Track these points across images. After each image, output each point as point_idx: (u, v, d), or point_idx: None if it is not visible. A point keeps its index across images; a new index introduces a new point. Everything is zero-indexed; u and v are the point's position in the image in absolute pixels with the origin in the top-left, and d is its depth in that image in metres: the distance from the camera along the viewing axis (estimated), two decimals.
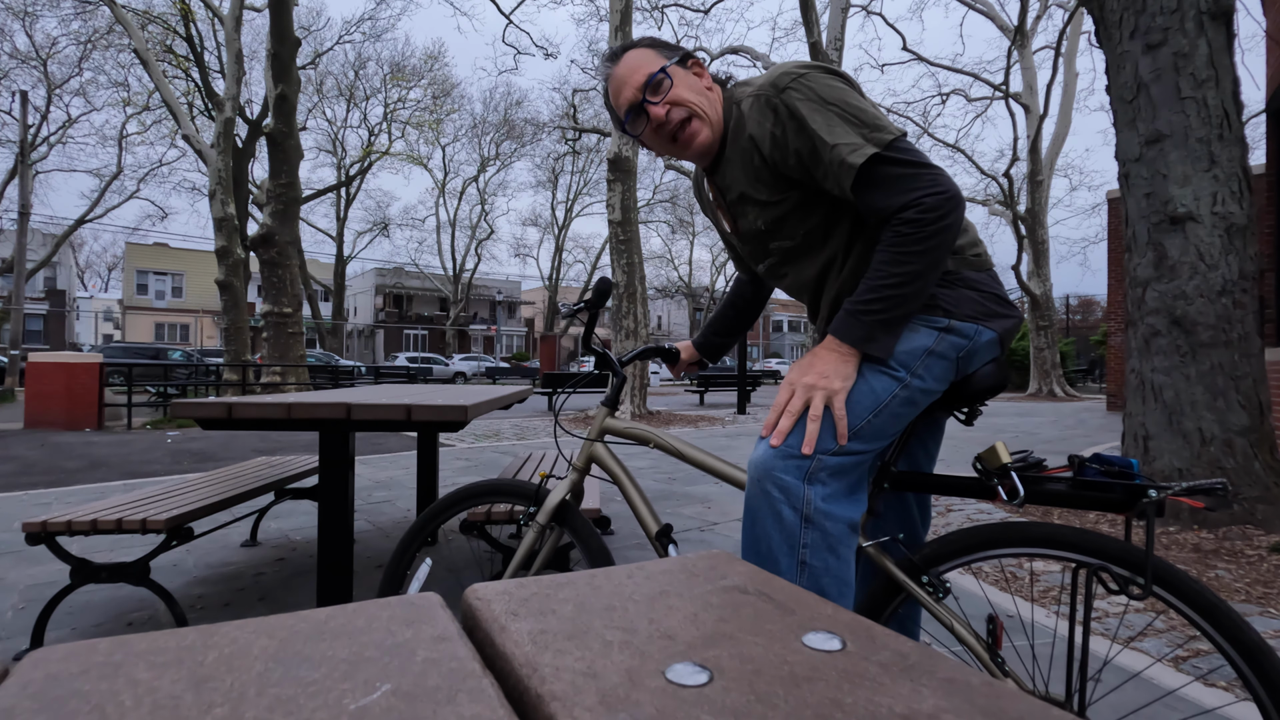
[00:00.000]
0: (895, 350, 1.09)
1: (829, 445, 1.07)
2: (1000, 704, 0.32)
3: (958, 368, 1.12)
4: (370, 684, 0.35)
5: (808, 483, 1.05)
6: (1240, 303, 3.27)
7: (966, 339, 1.11)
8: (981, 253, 1.18)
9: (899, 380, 1.09)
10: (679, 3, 17.22)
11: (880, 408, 1.08)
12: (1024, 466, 1.07)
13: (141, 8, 18.71)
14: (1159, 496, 0.96)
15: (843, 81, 1.15)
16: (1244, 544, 2.85)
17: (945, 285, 1.13)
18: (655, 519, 1.39)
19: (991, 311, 1.13)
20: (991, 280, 1.17)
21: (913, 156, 1.06)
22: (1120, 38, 3.60)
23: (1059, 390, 18.04)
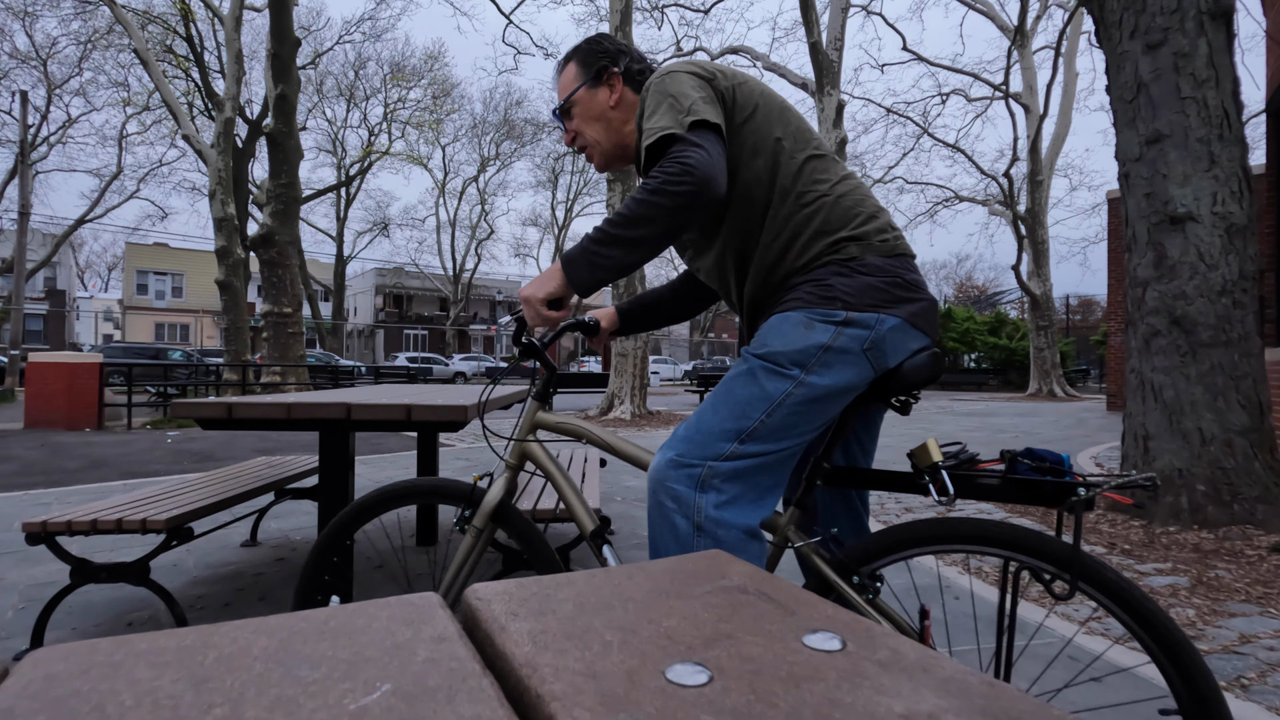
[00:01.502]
0: (786, 349, 1.09)
1: (720, 450, 1.07)
2: (1000, 704, 0.32)
3: (871, 360, 1.10)
4: (370, 684, 0.35)
5: (700, 491, 1.05)
6: (1240, 303, 3.27)
7: (868, 329, 1.09)
8: (890, 238, 1.16)
9: (791, 378, 1.08)
10: (679, 3, 17.22)
11: (772, 408, 1.08)
12: (956, 464, 1.08)
13: (141, 8, 18.71)
14: (1087, 494, 0.97)
15: (697, 80, 1.17)
16: (1244, 544, 2.85)
17: (845, 274, 1.11)
18: (591, 517, 1.35)
19: (895, 298, 1.11)
20: (899, 266, 1.15)
21: (697, 138, 1.07)
22: (1120, 38, 3.60)
23: (1059, 390, 18.04)
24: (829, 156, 1.21)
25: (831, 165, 1.20)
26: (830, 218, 1.15)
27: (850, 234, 1.14)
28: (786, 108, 1.23)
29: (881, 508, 3.84)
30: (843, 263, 1.12)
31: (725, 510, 1.06)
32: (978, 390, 25.00)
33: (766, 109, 1.20)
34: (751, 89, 1.22)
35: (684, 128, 1.08)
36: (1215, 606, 2.21)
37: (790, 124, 1.21)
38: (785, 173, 1.17)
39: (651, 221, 1.05)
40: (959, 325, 27.83)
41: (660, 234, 1.07)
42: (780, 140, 1.18)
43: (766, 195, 1.18)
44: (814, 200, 1.16)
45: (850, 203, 1.16)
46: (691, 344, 49.64)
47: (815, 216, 1.15)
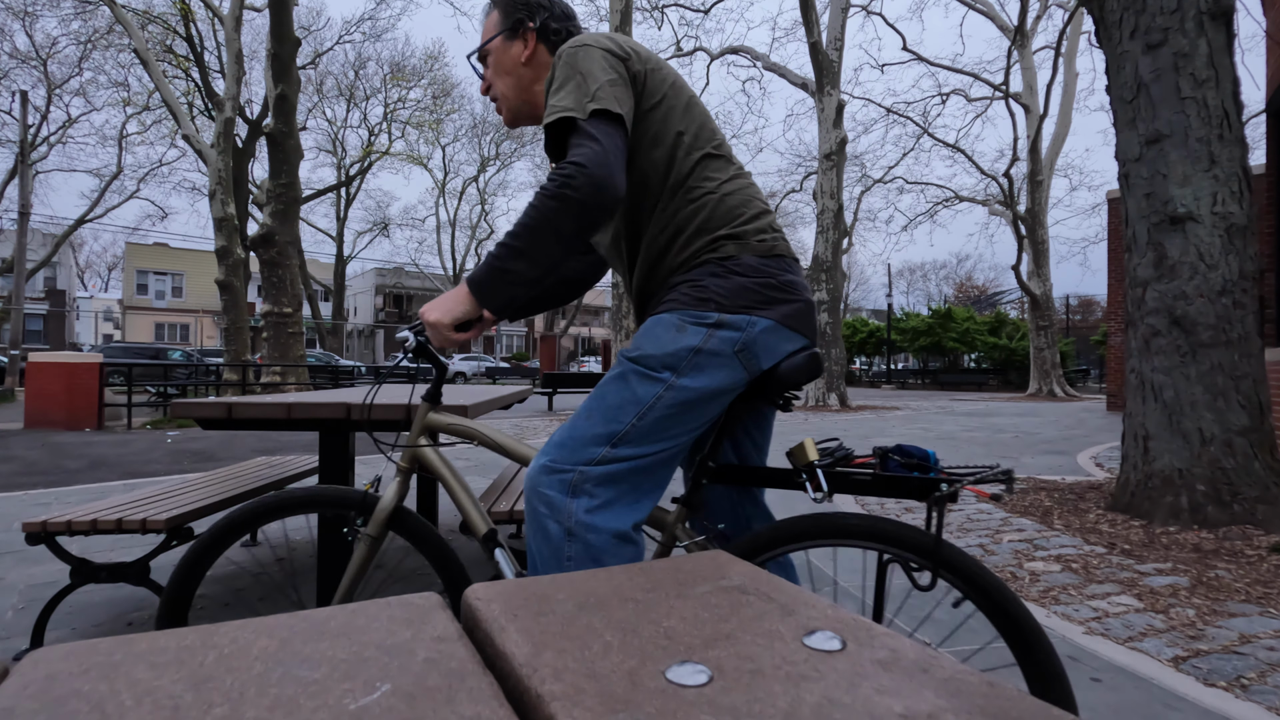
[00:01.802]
0: (657, 352, 1.09)
1: (592, 454, 1.07)
2: (1000, 704, 0.32)
3: (743, 362, 1.10)
4: (370, 684, 0.35)
5: (572, 496, 1.06)
6: (1240, 303, 3.27)
7: (739, 331, 1.09)
8: (768, 239, 1.16)
9: (662, 382, 1.08)
10: (679, 3, 17.23)
11: (643, 411, 1.08)
12: (831, 461, 1.13)
13: (141, 8, 18.71)
14: (948, 489, 1.03)
15: (609, 60, 1.14)
16: (1244, 544, 2.85)
17: (720, 275, 1.11)
18: (484, 520, 1.33)
19: (769, 299, 1.12)
20: (774, 266, 1.14)
21: (597, 131, 1.05)
22: (1120, 38, 3.60)
23: (1059, 390, 18.04)
24: (725, 156, 1.21)
25: (725, 165, 1.20)
26: (713, 215, 1.15)
27: (729, 232, 1.14)
28: (693, 102, 1.22)
29: (882, 507, 3.84)
30: (719, 261, 1.12)
31: (596, 515, 1.05)
32: (978, 390, 25.00)
33: (673, 100, 1.19)
34: (663, 76, 1.20)
35: (585, 114, 1.06)
36: (1215, 606, 2.21)
37: (693, 119, 1.20)
38: (679, 168, 1.17)
39: (552, 232, 1.04)
40: (959, 325, 27.83)
41: (564, 241, 1.05)
42: (681, 134, 1.18)
43: (659, 188, 1.17)
44: (701, 197, 1.16)
45: (734, 201, 1.17)
46: None
47: (699, 213, 1.15)
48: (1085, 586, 2.44)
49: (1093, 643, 1.97)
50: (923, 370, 30.39)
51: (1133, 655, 1.88)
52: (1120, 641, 1.98)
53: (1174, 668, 1.81)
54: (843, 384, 13.49)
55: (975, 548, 2.97)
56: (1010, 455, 6.22)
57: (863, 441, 7.31)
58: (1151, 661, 1.84)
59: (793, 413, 12.41)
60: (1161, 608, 2.22)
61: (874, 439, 7.60)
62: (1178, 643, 1.95)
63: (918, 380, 29.63)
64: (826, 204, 13.30)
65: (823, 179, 13.39)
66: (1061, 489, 4.23)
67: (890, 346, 30.28)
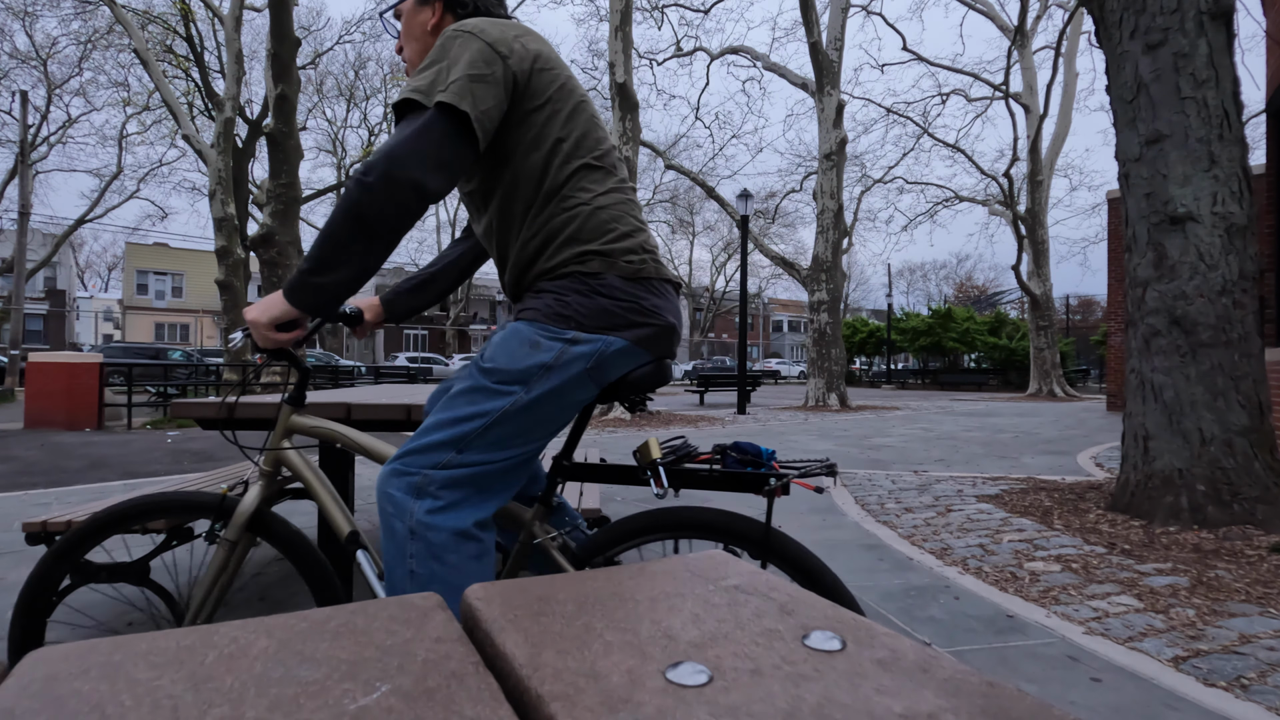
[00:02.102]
0: (509, 366, 1.11)
1: (438, 459, 1.09)
2: (1000, 704, 0.32)
3: (592, 378, 1.14)
4: (370, 684, 0.35)
5: (416, 497, 1.08)
6: (1240, 303, 3.27)
7: (593, 350, 1.11)
8: (636, 260, 1.16)
9: (510, 395, 1.10)
10: (679, 3, 17.23)
11: (489, 424, 1.10)
12: (674, 459, 1.19)
13: (141, 8, 18.71)
14: (778, 482, 1.10)
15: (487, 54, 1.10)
16: (1244, 544, 2.85)
17: (585, 294, 1.12)
18: (348, 521, 1.32)
19: (629, 322, 1.14)
20: (640, 290, 1.15)
21: (424, 124, 1.03)
22: (1120, 38, 3.60)
23: (1059, 390, 18.05)
24: (605, 168, 1.20)
25: (604, 177, 1.19)
26: (584, 228, 1.15)
27: (598, 248, 1.14)
28: (580, 109, 1.20)
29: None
30: (585, 277, 1.13)
31: (436, 515, 1.08)
32: (978, 390, 25.00)
33: (558, 104, 1.17)
34: (550, 79, 1.17)
35: (430, 102, 1.04)
36: (1215, 606, 2.21)
37: (576, 127, 1.18)
38: (555, 175, 1.16)
39: (351, 224, 1.03)
40: (959, 325, 27.83)
41: (367, 235, 1.03)
42: (560, 141, 1.16)
43: (533, 193, 1.16)
44: (573, 208, 1.15)
45: (607, 216, 1.16)
46: (691, 344, 49.63)
47: (570, 224, 1.15)
48: (1085, 586, 2.44)
49: (1093, 643, 1.97)
50: (923, 370, 30.39)
51: (1133, 655, 1.88)
52: (1120, 641, 1.98)
53: (1174, 668, 1.81)
54: (843, 384, 13.49)
55: (975, 547, 2.97)
56: (1010, 455, 6.22)
57: (862, 441, 7.31)
58: (1151, 661, 1.84)
59: (794, 413, 12.30)
60: (1161, 608, 2.22)
61: (874, 439, 7.60)
62: (1178, 643, 1.95)
63: (918, 380, 29.63)
64: (826, 204, 13.29)
65: (823, 179, 13.39)
66: (1061, 489, 4.23)
67: (890, 346, 30.29)
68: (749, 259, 15.54)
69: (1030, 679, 1.74)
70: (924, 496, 4.16)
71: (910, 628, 2.09)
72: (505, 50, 1.12)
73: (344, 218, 1.02)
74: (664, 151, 18.86)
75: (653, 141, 19.05)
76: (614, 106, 10.60)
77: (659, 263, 1.20)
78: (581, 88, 1.23)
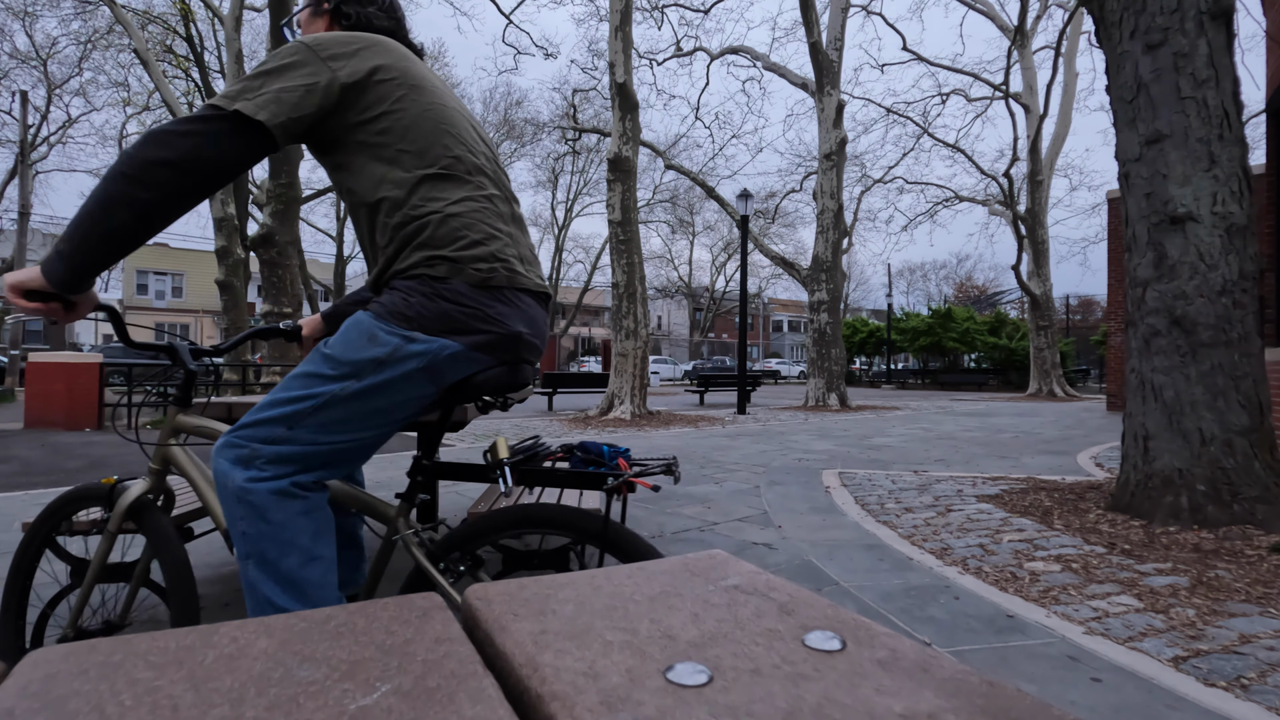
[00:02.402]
0: (344, 355, 1.15)
1: (268, 434, 1.14)
2: (1000, 704, 0.32)
3: (428, 378, 1.18)
4: (370, 684, 0.35)
5: (242, 467, 1.14)
6: (1240, 303, 3.27)
7: (428, 351, 1.15)
8: (485, 269, 1.19)
9: (339, 382, 1.14)
10: (679, 3, 17.23)
11: (318, 406, 1.14)
12: (523, 458, 1.26)
13: (141, 8, 18.71)
14: (616, 481, 1.17)
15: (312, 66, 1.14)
16: (1244, 544, 2.85)
17: (429, 297, 1.16)
18: None
19: (469, 328, 1.17)
20: (485, 297, 1.19)
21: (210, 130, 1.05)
22: (1120, 38, 3.60)
23: (1059, 390, 18.05)
24: (456, 177, 1.22)
25: (456, 186, 1.21)
26: (434, 235, 1.18)
27: (447, 254, 1.17)
28: (428, 117, 1.22)
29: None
30: (433, 280, 1.16)
31: (256, 482, 1.13)
32: (978, 390, 25.00)
33: (402, 115, 1.20)
34: (392, 89, 1.20)
35: (229, 109, 1.06)
36: (1215, 606, 2.21)
37: (422, 136, 1.21)
38: (400, 184, 1.19)
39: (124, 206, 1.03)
40: (959, 325, 27.83)
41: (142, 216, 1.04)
42: (403, 152, 1.19)
43: (383, 201, 1.20)
44: (422, 217, 1.18)
45: (457, 225, 1.19)
46: (691, 344, 49.63)
47: (421, 232, 1.18)
48: (1085, 586, 2.44)
49: (1093, 643, 1.97)
50: (923, 370, 30.39)
51: (1133, 655, 1.88)
52: (1120, 641, 1.98)
53: (1174, 668, 1.81)
54: (843, 384, 13.49)
55: (975, 547, 2.97)
56: (1010, 455, 6.22)
57: (862, 441, 7.31)
58: (1151, 661, 1.84)
59: (794, 413, 12.29)
60: (1161, 608, 2.22)
61: (873, 438, 7.60)
62: (1178, 643, 1.95)
63: (918, 380, 29.63)
64: (826, 204, 13.29)
65: (823, 179, 13.38)
66: (1061, 489, 4.23)
67: (890, 346, 30.29)
68: (749, 259, 15.52)
69: (1030, 679, 1.74)
70: (924, 496, 4.16)
71: (910, 628, 2.09)
72: (337, 63, 1.16)
73: (97, 197, 1.03)
74: (664, 151, 18.86)
75: (653, 141, 19.06)
76: (614, 106, 10.60)
77: (514, 272, 1.23)
78: (442, 98, 1.27)
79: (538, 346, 1.29)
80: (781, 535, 3.27)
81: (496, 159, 1.36)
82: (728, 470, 5.27)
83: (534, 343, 1.27)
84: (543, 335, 1.31)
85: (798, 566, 2.75)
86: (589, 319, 49.73)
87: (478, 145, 1.30)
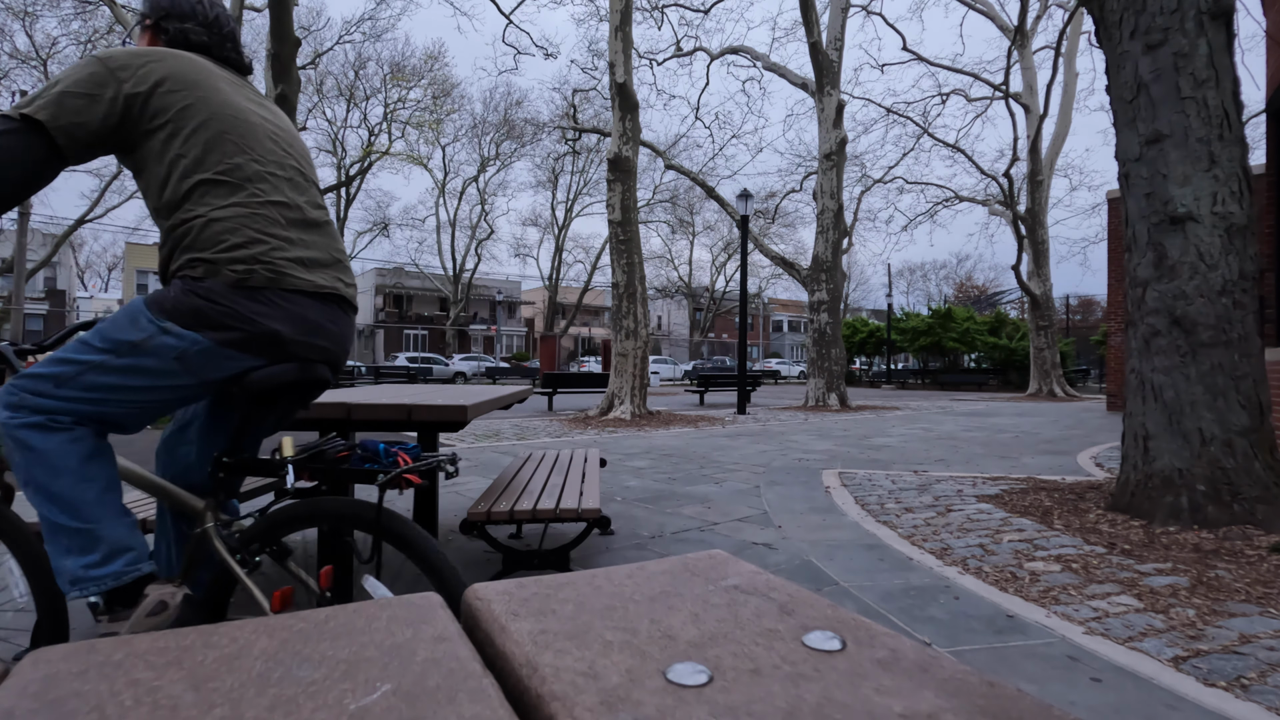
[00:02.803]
0: (109, 332, 1.26)
1: (38, 388, 1.25)
2: (1000, 704, 0.32)
3: (182, 368, 1.27)
4: (370, 684, 0.35)
5: (10, 411, 1.25)
6: (1240, 303, 3.27)
7: (179, 343, 1.26)
8: (242, 270, 1.28)
9: (100, 355, 1.26)
10: (679, 3, 17.23)
11: (80, 372, 1.25)
12: (309, 456, 1.38)
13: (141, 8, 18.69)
14: (386, 476, 1.29)
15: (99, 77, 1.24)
16: (1244, 544, 2.85)
17: (187, 294, 1.26)
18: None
19: (217, 324, 1.27)
20: (240, 297, 1.27)
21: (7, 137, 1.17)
22: (1120, 38, 3.60)
23: (1059, 390, 18.05)
24: (232, 183, 1.31)
25: (228, 191, 1.30)
26: (198, 239, 1.28)
27: (205, 256, 1.27)
28: (207, 126, 1.31)
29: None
30: (192, 280, 1.27)
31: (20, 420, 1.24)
32: (978, 390, 25.00)
33: (180, 124, 1.29)
34: (173, 100, 1.29)
35: (17, 114, 1.18)
36: (1215, 606, 2.21)
37: (197, 144, 1.30)
38: (174, 190, 1.29)
39: None
40: (959, 325, 27.83)
41: None
42: (180, 159, 1.29)
43: (160, 204, 1.30)
44: (189, 220, 1.28)
45: (220, 229, 1.28)
46: (691, 344, 49.63)
47: (187, 235, 1.28)
48: (1085, 586, 2.44)
49: (1093, 643, 1.97)
50: (923, 370, 30.39)
51: (1133, 655, 1.88)
52: (1120, 641, 1.98)
53: (1174, 668, 1.81)
54: (842, 384, 13.49)
55: (975, 547, 2.97)
56: (1010, 455, 6.22)
57: (862, 441, 7.31)
58: (1151, 661, 1.84)
59: (794, 413, 12.24)
60: (1161, 608, 2.22)
61: (873, 438, 7.60)
62: (1178, 643, 1.95)
63: (918, 380, 29.63)
64: (826, 204, 13.29)
65: (823, 179, 13.38)
66: (1061, 489, 4.23)
67: (890, 346, 30.29)
68: (749, 259, 15.51)
69: (1030, 679, 1.74)
70: (924, 496, 4.16)
71: (910, 628, 2.09)
72: (118, 79, 1.25)
73: None
74: (664, 151, 18.86)
75: (653, 141, 19.05)
76: (614, 106, 10.60)
77: (281, 274, 1.32)
78: (235, 109, 1.36)
79: (320, 347, 1.38)
80: (781, 535, 3.27)
81: (301, 168, 1.46)
82: (728, 470, 5.27)
83: (309, 343, 1.35)
84: (328, 335, 1.40)
85: (798, 566, 2.75)
86: (589, 319, 49.72)
87: (270, 154, 1.39)
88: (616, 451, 6.44)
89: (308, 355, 1.36)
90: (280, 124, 1.48)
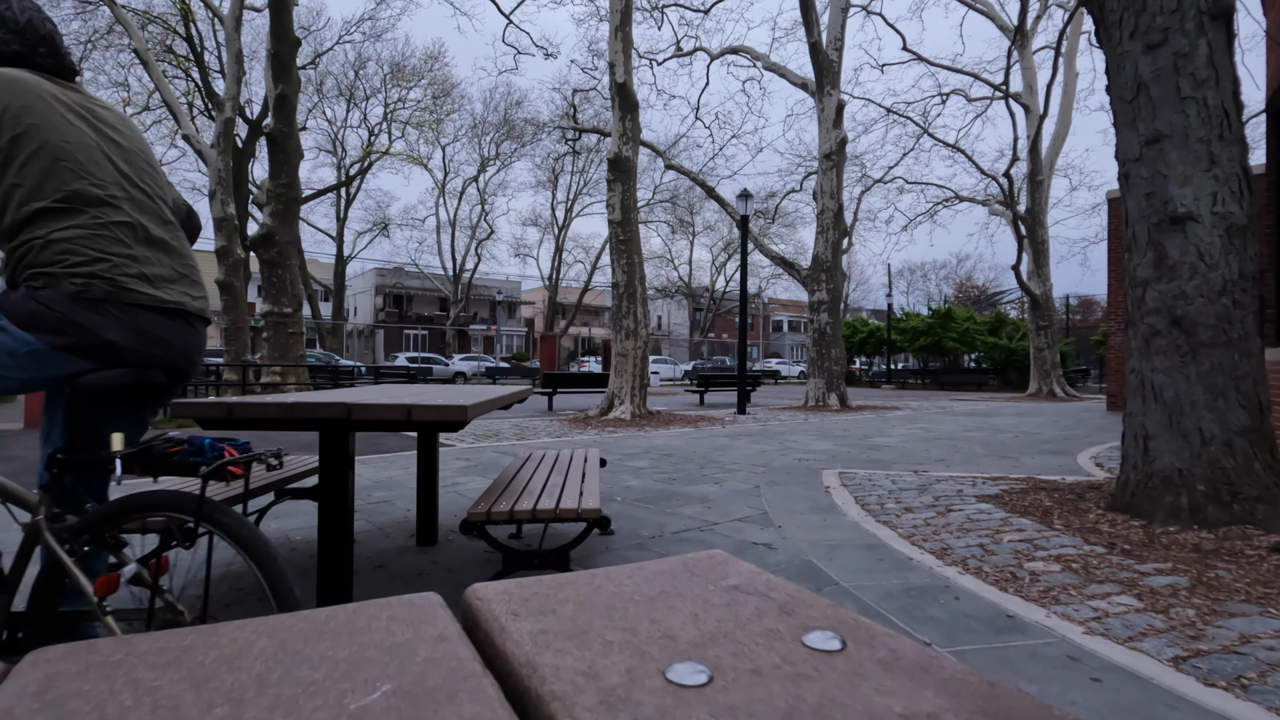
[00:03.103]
0: None
1: None
2: (1000, 704, 0.32)
3: (16, 364, 1.36)
4: (370, 684, 0.35)
5: None
6: (1240, 303, 3.27)
7: (13, 342, 1.35)
8: (80, 284, 1.37)
9: None
10: (679, 3, 17.23)
11: None
12: (137, 451, 1.43)
13: (141, 8, 18.71)
14: (208, 469, 1.35)
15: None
16: (1244, 544, 2.85)
17: (26, 300, 1.35)
18: None
19: (54, 329, 1.36)
20: (77, 306, 1.37)
21: None
22: (1120, 38, 3.60)
23: (1059, 390, 18.04)
24: (71, 209, 1.40)
25: (66, 216, 1.39)
26: (38, 259, 1.38)
27: (46, 271, 1.37)
28: (40, 154, 1.38)
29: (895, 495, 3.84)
30: (33, 289, 1.37)
31: None
32: (978, 390, 24.99)
33: (14, 153, 1.36)
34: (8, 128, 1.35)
35: None
36: (1215, 606, 2.21)
37: (34, 173, 1.37)
38: (13, 215, 1.38)
39: None
40: (959, 325, 27.83)
41: None
42: (15, 187, 1.37)
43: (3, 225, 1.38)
44: (29, 241, 1.38)
45: (60, 249, 1.38)
46: (691, 344, 49.62)
47: (28, 255, 1.38)
48: (1085, 586, 2.44)
49: (1093, 643, 1.97)
50: (923, 370, 30.39)
51: (1133, 655, 1.88)
52: (1120, 641, 1.98)
53: (1174, 668, 1.81)
54: (842, 384, 13.48)
55: (975, 547, 2.97)
56: (1010, 455, 6.22)
57: (862, 441, 7.31)
58: (1151, 661, 1.84)
59: (794, 413, 12.25)
60: (1161, 608, 2.22)
61: (873, 438, 7.60)
62: (1178, 643, 1.95)
63: (918, 380, 29.63)
64: (826, 204, 13.29)
65: (823, 179, 13.38)
66: (1061, 489, 4.23)
67: (890, 346, 30.28)
68: (749, 259, 15.50)
69: (1030, 679, 1.74)
70: (924, 496, 4.16)
71: (910, 628, 2.09)
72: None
73: None
74: (664, 151, 18.85)
75: (653, 141, 19.05)
76: (614, 106, 10.60)
77: (122, 288, 1.41)
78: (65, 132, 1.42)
79: (156, 356, 1.45)
80: (781, 535, 3.27)
81: (144, 185, 1.52)
82: (727, 470, 5.27)
83: (146, 352, 1.43)
84: (167, 346, 1.47)
85: (798, 566, 2.75)
86: (589, 319, 49.72)
87: (108, 176, 1.46)
88: (616, 451, 6.44)
89: (142, 363, 1.44)
90: (119, 137, 1.53)
